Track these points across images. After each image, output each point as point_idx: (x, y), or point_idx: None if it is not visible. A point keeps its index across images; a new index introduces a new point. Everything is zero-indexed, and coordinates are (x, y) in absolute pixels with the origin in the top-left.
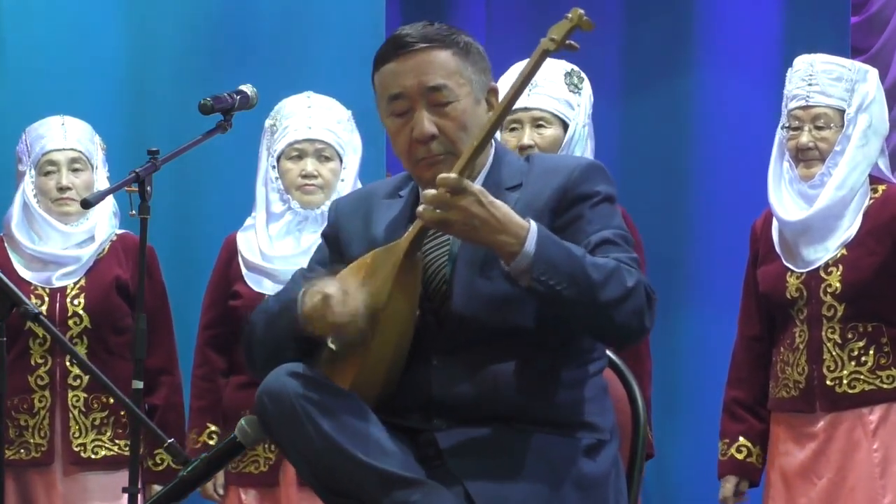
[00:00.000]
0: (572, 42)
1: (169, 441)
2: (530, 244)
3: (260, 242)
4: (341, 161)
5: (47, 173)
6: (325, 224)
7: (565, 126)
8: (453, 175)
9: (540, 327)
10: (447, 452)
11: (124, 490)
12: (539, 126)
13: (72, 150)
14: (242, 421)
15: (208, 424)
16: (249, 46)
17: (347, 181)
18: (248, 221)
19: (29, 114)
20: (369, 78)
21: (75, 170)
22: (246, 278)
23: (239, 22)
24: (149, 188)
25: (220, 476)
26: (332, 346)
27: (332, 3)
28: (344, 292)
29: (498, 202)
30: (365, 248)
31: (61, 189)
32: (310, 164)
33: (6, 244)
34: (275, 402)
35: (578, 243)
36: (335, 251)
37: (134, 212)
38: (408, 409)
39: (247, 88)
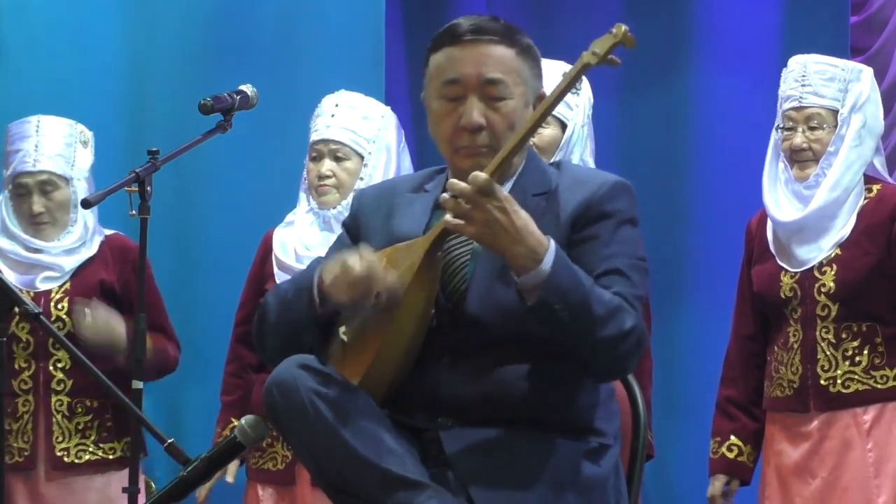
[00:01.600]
0: (614, 57)
1: (169, 441)
2: (546, 264)
3: (295, 242)
4: (363, 159)
5: (20, 195)
6: (347, 215)
7: (563, 126)
8: (485, 175)
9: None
10: (450, 452)
11: (124, 490)
12: None
13: (41, 172)
14: (242, 421)
15: (233, 420)
16: (249, 46)
17: (373, 180)
18: (289, 217)
19: (28, 114)
20: (369, 78)
21: (46, 192)
22: (276, 277)
23: (239, 22)
24: (149, 188)
25: (233, 465)
26: (343, 337)
27: (332, 3)
28: (360, 255)
29: (522, 213)
30: (385, 243)
31: (34, 215)
32: (325, 165)
33: None
34: (284, 393)
35: (590, 263)
36: (355, 241)
37: (134, 212)
38: (414, 407)
39: (247, 88)
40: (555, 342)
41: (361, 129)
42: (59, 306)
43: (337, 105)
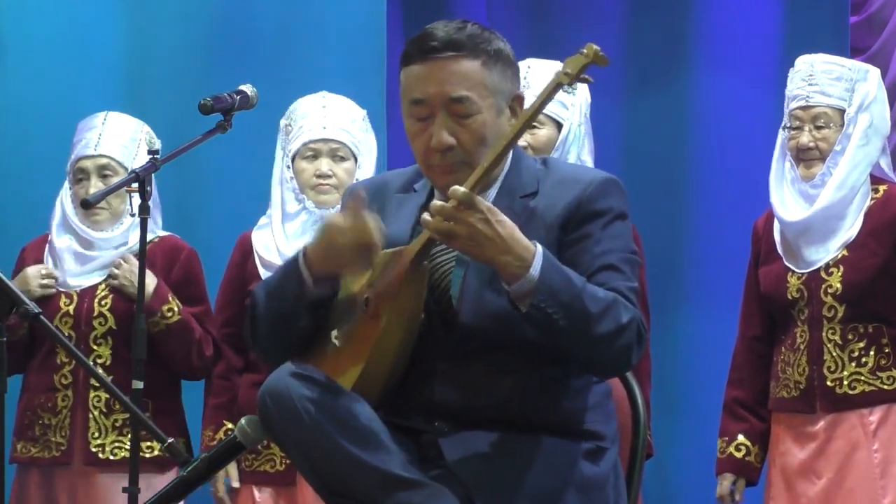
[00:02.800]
0: (587, 76)
1: (169, 441)
2: (535, 269)
3: (277, 241)
4: (356, 161)
5: (79, 180)
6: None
7: (559, 126)
8: (464, 189)
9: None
10: (449, 454)
11: (124, 490)
12: (532, 127)
13: (101, 156)
14: (242, 421)
15: (224, 422)
16: (249, 46)
17: None
18: (263, 220)
19: (29, 114)
20: (370, 78)
21: (104, 176)
22: (263, 277)
23: (239, 22)
24: (149, 188)
25: (234, 470)
26: (335, 341)
27: (332, 3)
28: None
29: (507, 221)
30: None
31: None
32: (324, 164)
33: (48, 243)
34: (277, 402)
35: (583, 262)
36: None
37: (134, 212)
38: (411, 411)
39: (247, 88)
40: (553, 346)
41: (353, 131)
42: (103, 303)
43: (324, 106)
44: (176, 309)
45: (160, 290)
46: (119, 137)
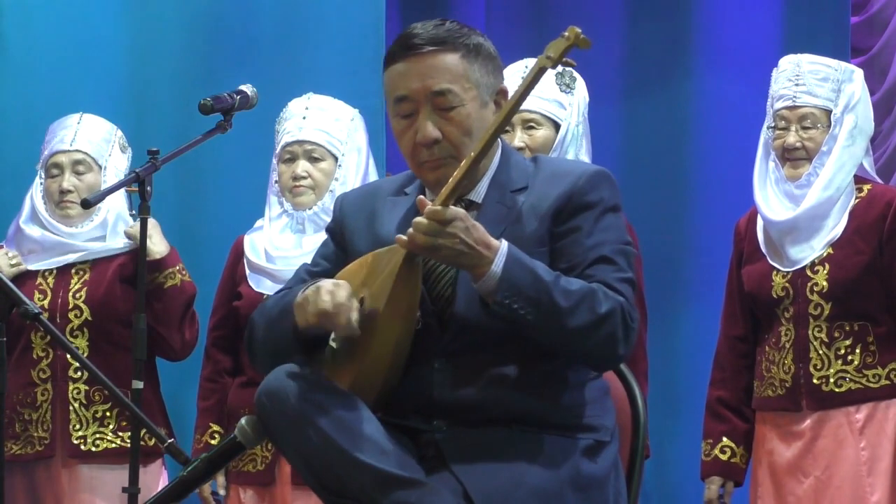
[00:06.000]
0: (569, 59)
1: (169, 441)
2: (497, 265)
3: (265, 243)
4: (336, 160)
5: (53, 176)
6: (330, 220)
7: (557, 126)
8: (437, 207)
9: None
10: (447, 453)
11: (124, 490)
12: (529, 128)
13: (76, 151)
14: (242, 421)
15: (211, 425)
16: (249, 46)
17: (347, 181)
18: (258, 223)
19: (29, 114)
20: (369, 78)
21: (79, 172)
22: (249, 279)
23: (239, 22)
24: (149, 188)
25: (221, 477)
26: (332, 343)
27: (332, 3)
28: (334, 283)
29: (477, 225)
30: (370, 245)
31: (62, 192)
32: (300, 166)
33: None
34: (274, 402)
35: (576, 255)
36: (339, 246)
37: (134, 212)
38: (408, 410)
39: (247, 88)
40: (535, 341)
41: (334, 131)
42: (78, 295)
43: (307, 108)
44: (186, 272)
45: (174, 252)
46: (94, 136)
